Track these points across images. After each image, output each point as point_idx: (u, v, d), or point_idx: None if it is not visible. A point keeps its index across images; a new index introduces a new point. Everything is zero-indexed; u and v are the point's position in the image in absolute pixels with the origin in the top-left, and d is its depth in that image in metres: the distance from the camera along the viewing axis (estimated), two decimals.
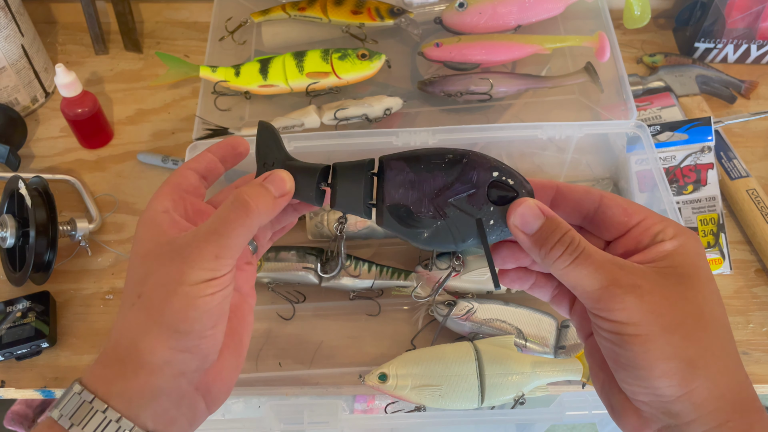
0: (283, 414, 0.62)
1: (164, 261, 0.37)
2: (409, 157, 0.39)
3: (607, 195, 0.39)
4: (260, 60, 0.83)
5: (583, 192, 0.39)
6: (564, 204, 0.40)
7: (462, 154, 0.38)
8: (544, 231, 0.36)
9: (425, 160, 0.38)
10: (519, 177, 0.38)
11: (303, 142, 0.77)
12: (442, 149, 0.38)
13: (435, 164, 0.38)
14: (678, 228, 0.38)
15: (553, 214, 0.37)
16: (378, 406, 0.74)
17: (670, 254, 0.36)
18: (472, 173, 0.37)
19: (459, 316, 0.72)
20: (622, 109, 0.79)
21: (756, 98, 0.99)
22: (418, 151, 0.39)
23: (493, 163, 0.38)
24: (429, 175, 0.38)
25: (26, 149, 0.94)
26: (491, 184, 0.37)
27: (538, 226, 0.36)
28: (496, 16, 0.86)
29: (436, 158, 0.38)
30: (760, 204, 0.83)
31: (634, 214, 0.38)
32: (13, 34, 0.90)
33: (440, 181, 0.38)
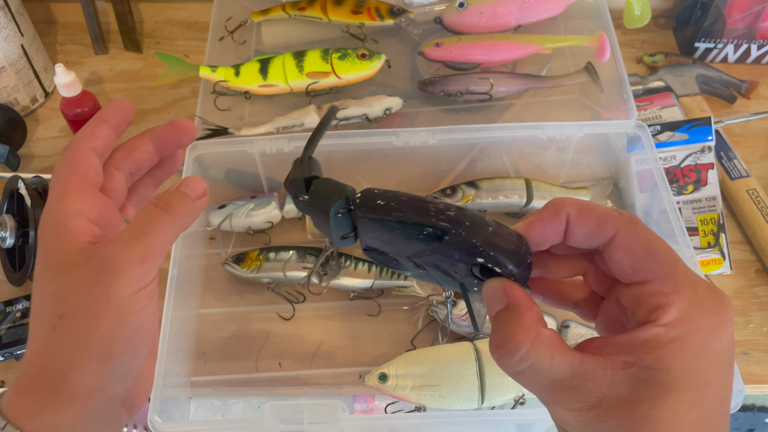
0: (283, 414, 0.62)
1: (83, 275, 0.33)
2: (383, 220, 0.34)
3: (625, 232, 0.31)
4: (260, 60, 0.83)
5: (594, 227, 0.32)
6: (572, 237, 0.33)
7: (443, 230, 0.32)
8: (499, 318, 0.31)
9: (400, 226, 0.33)
10: (513, 259, 0.32)
11: (303, 142, 0.77)
12: (422, 218, 0.33)
13: (411, 233, 0.33)
14: (687, 309, 0.29)
15: (516, 301, 0.31)
16: (378, 407, 0.74)
17: (657, 348, 0.29)
18: (454, 253, 0.33)
19: (459, 317, 0.72)
20: (623, 109, 0.79)
21: (756, 98, 0.99)
22: (394, 212, 0.33)
23: (480, 246, 0.32)
24: (405, 241, 0.34)
25: (26, 149, 0.94)
26: (472, 267, 0.33)
27: (497, 309, 0.32)
28: (496, 16, 0.86)
29: (413, 228, 0.33)
30: (761, 204, 0.83)
31: (643, 269, 0.31)
32: (13, 33, 0.90)
33: (418, 248, 0.34)
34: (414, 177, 0.86)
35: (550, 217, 0.33)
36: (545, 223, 0.33)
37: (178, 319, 0.69)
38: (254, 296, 0.79)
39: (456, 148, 0.83)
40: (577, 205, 0.32)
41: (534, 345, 0.30)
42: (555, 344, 0.30)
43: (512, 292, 0.32)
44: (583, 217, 0.32)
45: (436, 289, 0.75)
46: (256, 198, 0.82)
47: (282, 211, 0.82)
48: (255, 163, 0.81)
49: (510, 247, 0.33)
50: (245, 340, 0.76)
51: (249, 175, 0.84)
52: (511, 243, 0.33)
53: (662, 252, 0.31)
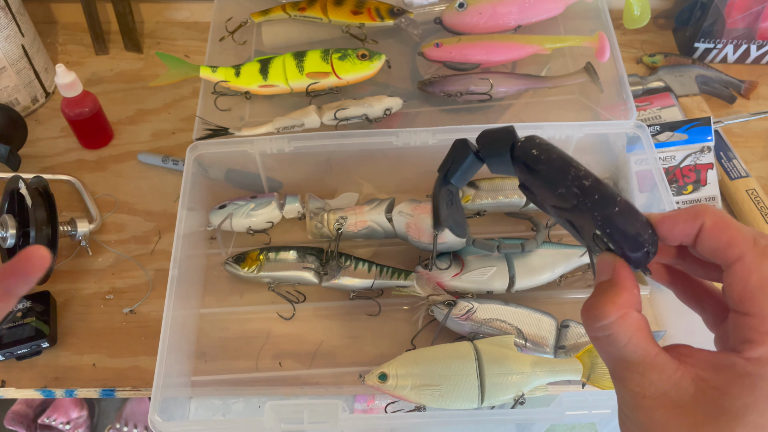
0: (283, 414, 0.62)
1: None
2: (530, 168, 0.39)
3: (747, 262, 0.31)
4: (260, 60, 0.83)
5: (722, 246, 0.32)
6: (700, 245, 0.33)
7: (571, 196, 0.37)
8: (598, 287, 0.34)
9: (542, 179, 0.38)
10: (630, 242, 0.35)
11: (303, 142, 0.77)
12: (559, 179, 0.37)
13: (550, 188, 0.38)
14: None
15: (619, 279, 0.34)
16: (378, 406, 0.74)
17: (734, 378, 0.29)
18: (580, 218, 0.37)
19: (459, 316, 0.72)
20: (622, 109, 0.79)
21: (756, 98, 0.99)
22: (540, 165, 0.39)
23: (599, 221, 0.36)
24: (547, 191, 0.38)
25: (26, 149, 0.94)
26: (593, 236, 0.37)
27: (600, 279, 0.35)
28: (496, 16, 0.86)
29: (551, 185, 0.38)
30: (760, 204, 0.83)
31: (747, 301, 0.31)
32: (14, 34, 0.90)
33: (556, 201, 0.38)
34: (414, 177, 0.86)
35: (685, 219, 0.34)
36: (678, 222, 0.34)
37: (178, 319, 0.69)
38: (254, 296, 0.79)
39: None
40: (716, 217, 0.33)
41: (619, 321, 0.32)
42: (638, 328, 0.32)
43: (619, 271, 0.34)
44: (716, 232, 0.32)
45: (436, 289, 0.76)
46: (256, 198, 0.82)
47: (282, 211, 0.82)
48: (255, 163, 0.81)
49: (630, 231, 0.35)
50: (245, 340, 0.76)
51: (249, 175, 0.84)
52: (633, 227, 0.35)
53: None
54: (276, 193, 0.83)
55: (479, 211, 0.82)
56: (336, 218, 0.78)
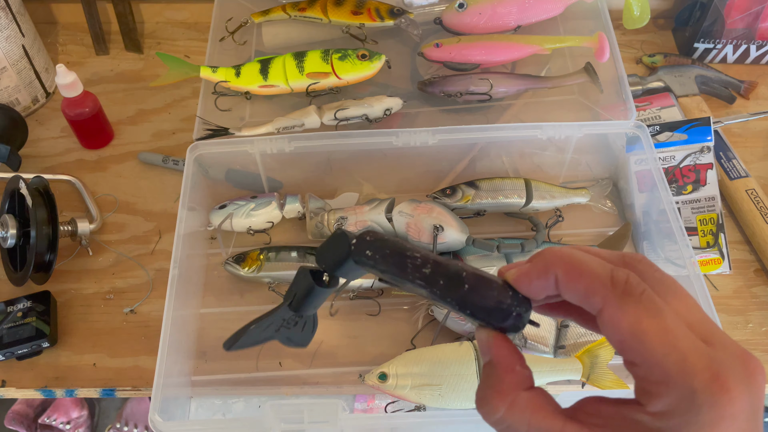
0: (283, 414, 0.62)
1: None
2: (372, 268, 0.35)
3: (610, 310, 0.29)
4: (260, 60, 0.83)
5: (581, 294, 0.30)
6: (564, 296, 0.31)
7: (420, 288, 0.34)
8: (484, 371, 0.32)
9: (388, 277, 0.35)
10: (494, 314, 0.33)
11: (303, 142, 0.77)
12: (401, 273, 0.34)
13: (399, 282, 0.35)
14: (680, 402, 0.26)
15: (498, 359, 0.31)
16: (378, 406, 0.74)
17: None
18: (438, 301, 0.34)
19: (459, 316, 0.72)
20: (622, 109, 0.80)
21: (755, 98, 0.99)
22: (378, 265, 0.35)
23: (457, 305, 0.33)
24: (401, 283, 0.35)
25: (27, 149, 0.94)
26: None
27: (484, 361, 0.32)
28: (495, 16, 0.86)
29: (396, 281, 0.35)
30: (759, 204, 0.83)
31: (628, 351, 0.28)
32: (14, 34, 0.90)
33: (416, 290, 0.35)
34: (414, 177, 0.86)
35: (537, 275, 0.31)
36: (533, 280, 0.31)
37: (178, 319, 0.69)
38: (255, 296, 0.79)
39: (456, 148, 0.83)
40: (565, 266, 0.30)
41: (509, 410, 0.30)
42: (533, 409, 0.30)
43: (496, 348, 0.32)
44: (570, 284, 0.30)
45: None
46: (256, 198, 0.82)
47: (282, 211, 0.82)
48: (255, 163, 0.81)
49: (488, 305, 0.32)
50: None
51: (249, 175, 0.84)
52: (490, 299, 0.32)
53: (653, 335, 0.27)
54: (276, 193, 0.84)
55: (479, 211, 0.82)
56: (336, 218, 0.78)
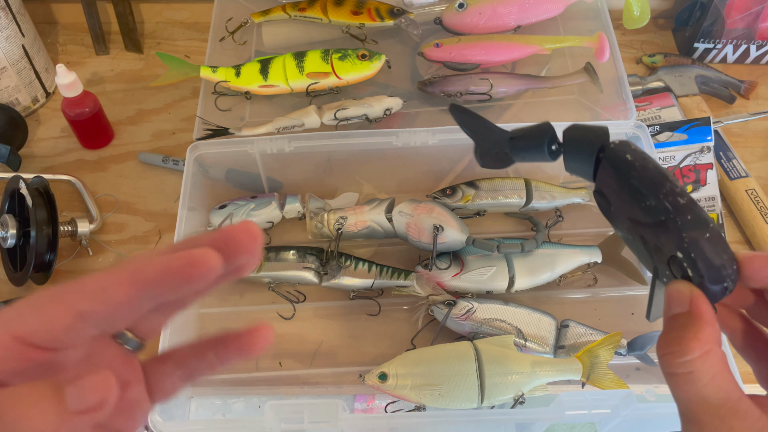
0: (283, 413, 0.62)
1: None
2: (622, 173, 0.35)
3: None
4: (260, 60, 0.83)
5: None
6: None
7: (661, 211, 0.33)
8: (676, 320, 0.32)
9: (632, 187, 0.35)
10: (712, 272, 0.32)
11: (303, 142, 0.77)
12: (653, 190, 0.34)
13: (638, 198, 0.34)
14: None
15: (698, 312, 0.31)
16: (378, 406, 0.74)
17: None
18: (663, 236, 0.33)
19: (459, 316, 0.72)
20: (622, 109, 0.80)
21: (755, 98, 0.99)
22: (634, 171, 0.35)
23: (686, 242, 0.32)
24: (630, 201, 0.35)
25: (27, 149, 0.94)
26: (670, 259, 0.33)
27: (676, 311, 0.32)
28: (495, 16, 0.86)
29: (642, 195, 0.34)
30: (759, 204, 0.83)
31: None
32: (14, 34, 0.90)
33: (637, 213, 0.35)
34: (414, 177, 0.86)
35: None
36: (765, 265, 0.32)
37: (178, 319, 0.69)
38: (255, 296, 0.79)
39: (456, 148, 0.83)
40: None
41: (702, 357, 0.30)
42: (722, 367, 0.30)
43: (699, 302, 0.31)
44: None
45: (436, 289, 0.76)
46: (256, 198, 0.82)
47: (282, 211, 0.82)
48: (255, 163, 0.81)
49: (715, 261, 0.32)
50: None
51: (250, 175, 0.84)
52: (719, 258, 0.32)
53: None
54: (276, 193, 0.84)
55: (479, 211, 0.82)
56: (336, 218, 0.78)
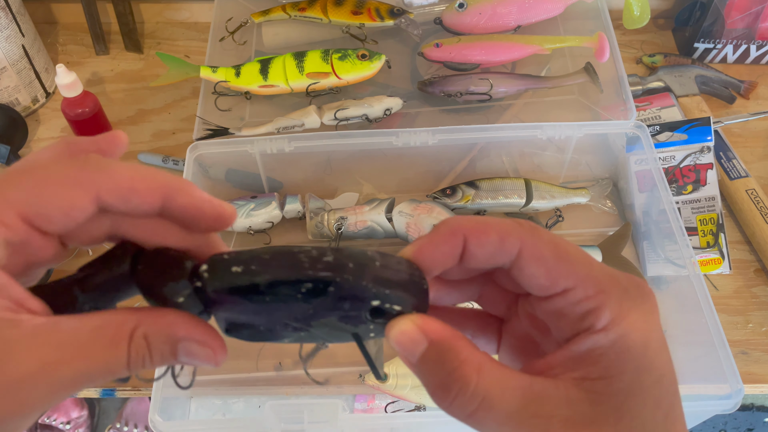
0: (283, 413, 0.62)
1: None
2: (245, 288, 0.27)
3: (530, 243, 0.28)
4: (260, 60, 0.83)
5: (495, 244, 0.28)
6: (473, 258, 0.29)
7: (325, 281, 0.26)
8: (428, 361, 0.27)
9: (272, 291, 0.27)
10: (411, 291, 0.28)
11: (303, 142, 0.77)
12: (296, 271, 0.26)
13: (287, 295, 0.27)
14: (618, 306, 0.26)
15: (440, 336, 0.27)
16: (378, 406, 0.74)
17: (601, 355, 0.26)
18: (343, 303, 0.27)
19: None
20: (622, 109, 0.80)
21: (755, 98, 0.99)
22: (259, 276, 0.26)
23: (372, 287, 0.27)
24: (280, 306, 0.27)
25: (27, 149, 0.94)
26: (371, 310, 0.28)
27: (420, 352, 0.27)
28: (495, 16, 0.86)
29: (287, 288, 0.27)
30: (760, 204, 0.83)
31: (561, 277, 0.27)
32: (14, 34, 0.90)
33: (297, 309, 0.27)
34: (414, 177, 0.86)
35: (444, 239, 0.28)
36: (439, 245, 0.28)
37: None
38: None
39: (456, 148, 0.83)
40: (473, 224, 0.28)
41: (481, 376, 0.26)
42: (500, 369, 0.26)
43: (431, 327, 0.27)
44: (483, 236, 0.28)
45: None
46: (256, 198, 0.82)
47: (282, 211, 0.82)
48: (255, 163, 0.81)
49: (404, 279, 0.28)
50: None
51: (250, 175, 0.84)
52: (404, 274, 0.28)
53: (573, 254, 0.27)
54: (276, 193, 0.84)
55: (479, 211, 0.82)
56: (336, 218, 0.78)
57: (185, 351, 0.26)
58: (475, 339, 0.33)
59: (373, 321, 0.28)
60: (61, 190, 0.24)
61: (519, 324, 0.31)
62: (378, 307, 0.27)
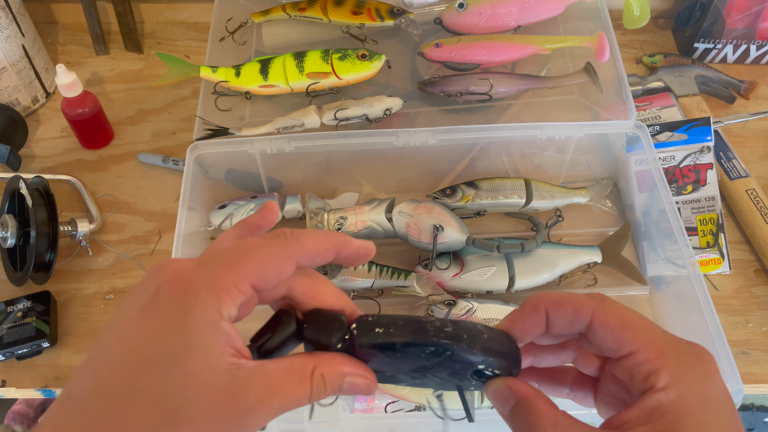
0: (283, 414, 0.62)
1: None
2: (384, 346, 0.34)
3: (600, 313, 0.34)
4: (260, 60, 0.83)
5: (571, 315, 0.34)
6: (554, 327, 0.36)
7: (445, 347, 0.34)
8: (515, 414, 0.34)
9: (402, 350, 0.34)
10: (507, 358, 0.35)
11: (303, 142, 0.77)
12: (424, 339, 0.34)
13: (414, 354, 0.34)
14: (677, 368, 0.31)
15: (525, 395, 0.34)
16: (378, 406, 0.74)
17: (665, 412, 0.31)
18: (455, 364, 0.35)
19: (459, 316, 0.72)
20: (622, 109, 0.80)
21: (755, 98, 0.99)
22: (395, 338, 0.34)
23: (480, 355, 0.35)
24: (406, 360, 0.35)
25: (27, 149, 0.94)
26: (473, 373, 0.36)
27: (510, 407, 0.34)
28: (495, 16, 0.86)
29: (415, 349, 0.34)
30: (759, 204, 0.83)
31: (626, 342, 0.33)
32: (14, 34, 0.90)
33: (419, 363, 0.35)
34: (414, 177, 0.86)
35: (530, 313, 0.35)
36: (526, 318, 0.35)
37: None
38: None
39: (456, 148, 0.83)
40: (552, 298, 0.35)
41: (556, 428, 0.32)
42: (574, 423, 0.32)
43: (518, 388, 0.34)
44: (560, 308, 0.35)
45: (436, 289, 0.76)
46: (256, 198, 0.82)
47: (282, 211, 0.82)
48: (255, 163, 0.81)
49: (503, 349, 0.35)
50: (246, 340, 0.76)
51: (250, 175, 0.84)
52: (503, 344, 0.35)
53: (637, 322, 0.33)
54: (276, 193, 0.84)
55: (479, 211, 0.82)
56: (336, 218, 0.78)
57: (350, 384, 0.34)
58: (574, 393, 0.39)
59: (475, 379, 0.36)
60: (277, 262, 0.32)
61: (607, 383, 0.37)
62: (481, 369, 0.35)
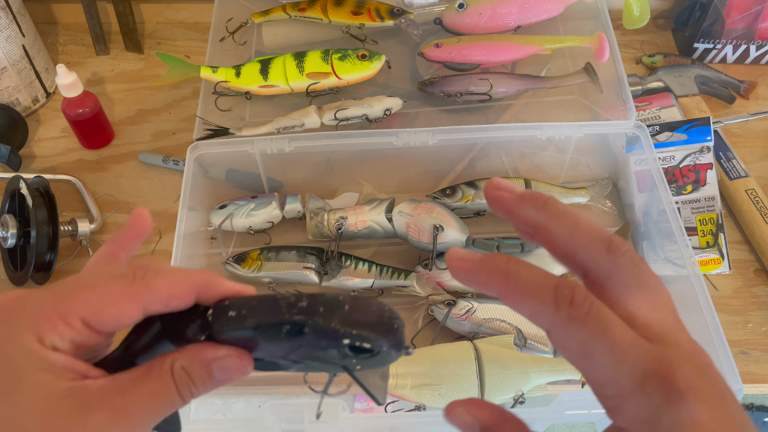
0: (283, 414, 0.62)
1: None
2: (240, 329, 0.32)
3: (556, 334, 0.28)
4: (261, 60, 0.84)
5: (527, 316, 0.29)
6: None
7: (300, 323, 0.31)
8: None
9: (260, 332, 0.32)
10: (378, 330, 0.31)
11: (303, 142, 0.77)
12: (276, 315, 0.31)
13: (273, 335, 0.31)
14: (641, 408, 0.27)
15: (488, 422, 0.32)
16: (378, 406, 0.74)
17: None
18: (320, 341, 0.31)
19: (459, 316, 0.72)
20: (622, 109, 0.80)
21: (755, 98, 0.99)
22: (247, 320, 0.32)
23: (340, 328, 0.31)
24: (271, 343, 0.32)
25: (27, 149, 0.94)
26: (349, 347, 0.32)
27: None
28: (495, 16, 0.86)
29: (272, 330, 0.31)
30: (759, 204, 0.83)
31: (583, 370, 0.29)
32: (14, 34, 0.90)
33: (286, 346, 0.32)
34: (414, 177, 0.86)
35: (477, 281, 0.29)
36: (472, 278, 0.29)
37: None
38: None
39: (456, 149, 0.83)
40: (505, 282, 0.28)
41: None
42: None
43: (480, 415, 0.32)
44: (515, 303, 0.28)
45: (436, 289, 0.76)
46: (256, 198, 0.82)
47: (282, 211, 0.82)
48: (256, 163, 0.81)
49: (371, 319, 0.31)
50: None
51: (250, 175, 0.84)
52: (371, 314, 0.31)
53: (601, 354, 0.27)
54: (276, 193, 0.84)
55: (479, 211, 0.82)
56: (336, 218, 0.78)
57: (219, 368, 0.32)
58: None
59: (355, 356, 0.32)
60: (116, 304, 0.30)
61: None
62: (352, 345, 0.31)
